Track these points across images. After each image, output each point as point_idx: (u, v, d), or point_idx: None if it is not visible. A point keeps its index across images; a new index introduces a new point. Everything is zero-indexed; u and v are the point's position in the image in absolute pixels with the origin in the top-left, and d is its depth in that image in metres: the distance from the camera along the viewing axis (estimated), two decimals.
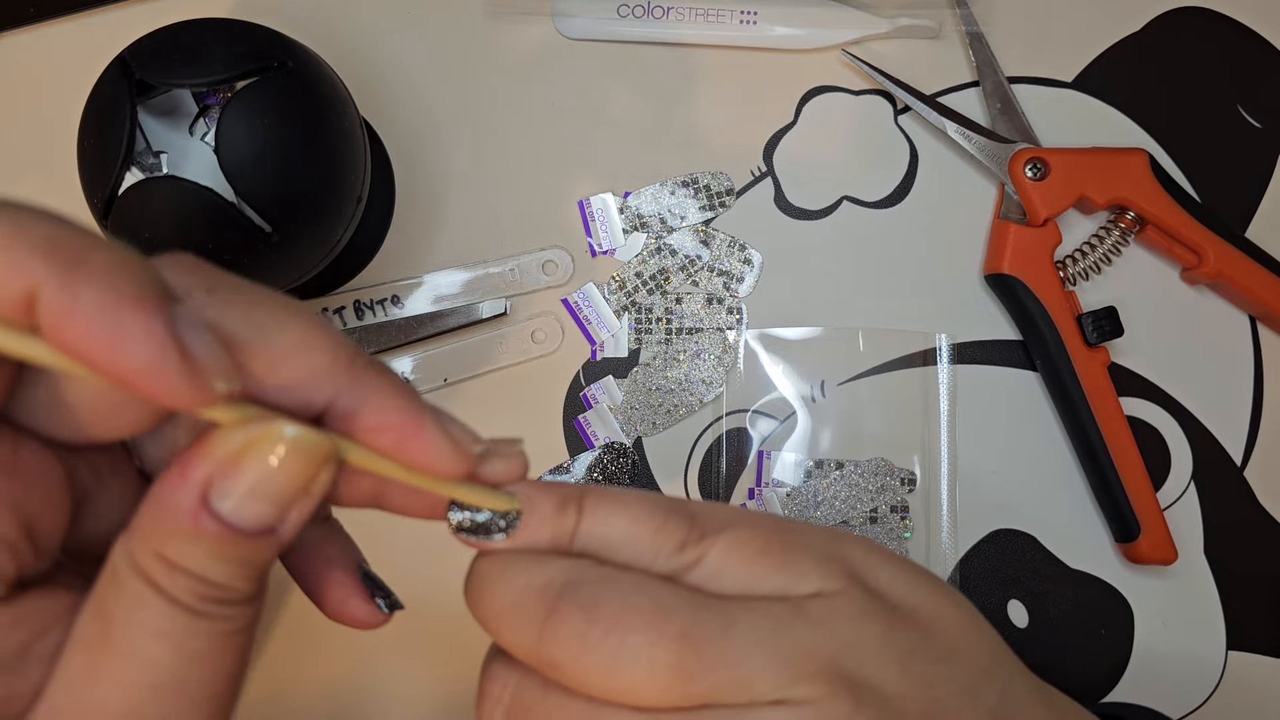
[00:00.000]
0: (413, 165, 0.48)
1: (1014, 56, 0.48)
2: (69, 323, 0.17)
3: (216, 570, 0.20)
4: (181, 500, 0.19)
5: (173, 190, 0.35)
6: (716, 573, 0.23)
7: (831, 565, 0.24)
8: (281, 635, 0.46)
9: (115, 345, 0.17)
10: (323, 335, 0.21)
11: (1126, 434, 0.45)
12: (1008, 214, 0.46)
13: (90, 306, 0.17)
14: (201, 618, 0.20)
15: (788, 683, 0.22)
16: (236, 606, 0.20)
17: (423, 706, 0.46)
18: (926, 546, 0.46)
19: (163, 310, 0.17)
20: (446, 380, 0.47)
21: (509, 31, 0.48)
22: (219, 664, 0.20)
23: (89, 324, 0.17)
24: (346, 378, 0.21)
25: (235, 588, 0.20)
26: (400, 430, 0.21)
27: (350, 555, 0.25)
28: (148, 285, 0.18)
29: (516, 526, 0.23)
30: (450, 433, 0.22)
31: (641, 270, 0.47)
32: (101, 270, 0.17)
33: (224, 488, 0.19)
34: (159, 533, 0.20)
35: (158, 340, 0.17)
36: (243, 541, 0.20)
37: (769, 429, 0.47)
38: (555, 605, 0.22)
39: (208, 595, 0.20)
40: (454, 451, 0.22)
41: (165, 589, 0.19)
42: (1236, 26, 0.49)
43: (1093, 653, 0.46)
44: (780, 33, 0.47)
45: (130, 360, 0.17)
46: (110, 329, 0.17)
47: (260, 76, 0.36)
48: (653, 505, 0.24)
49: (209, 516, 0.19)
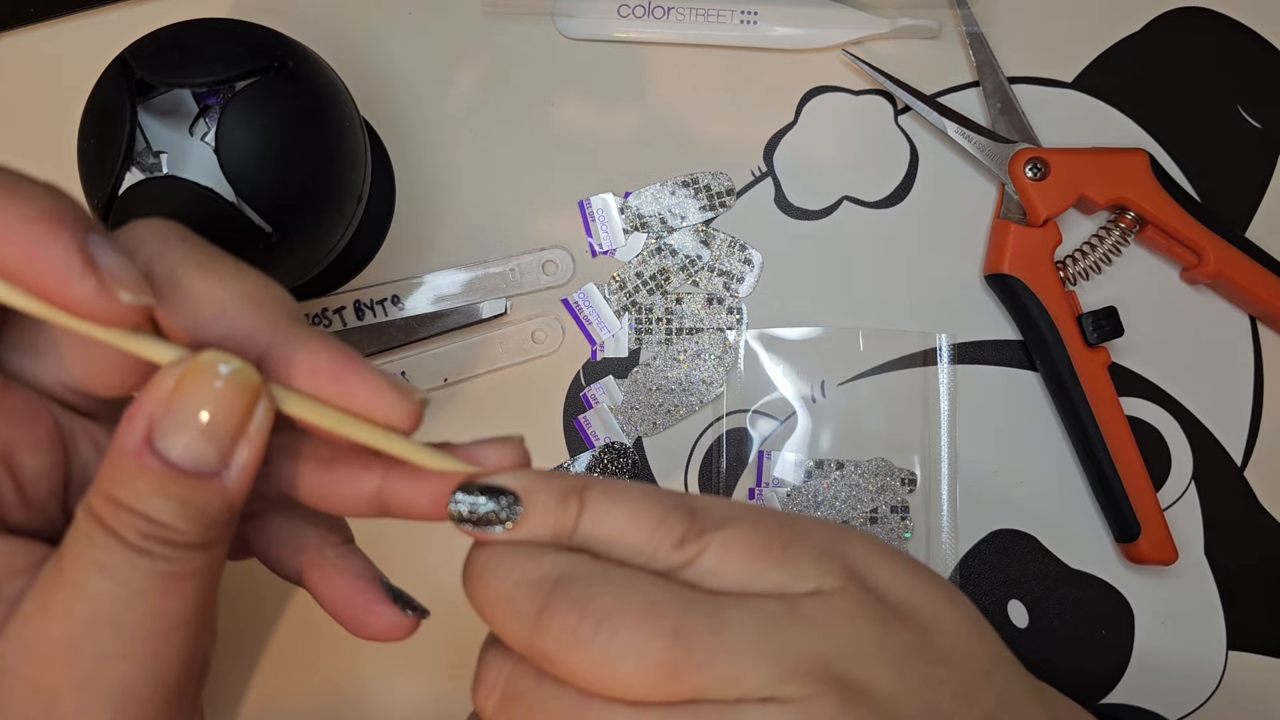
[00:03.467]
0: (413, 165, 0.48)
1: (1014, 56, 0.48)
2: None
3: (159, 509, 0.21)
4: (127, 439, 0.21)
5: (173, 190, 0.35)
6: (715, 569, 0.24)
7: (832, 563, 0.24)
8: (280, 636, 0.46)
9: (31, 255, 0.19)
10: (268, 289, 0.23)
11: (1126, 434, 0.45)
12: (1008, 214, 0.46)
13: (12, 223, 0.19)
14: (143, 555, 0.21)
15: (777, 680, 0.22)
16: (180, 550, 0.21)
17: (421, 706, 0.46)
18: (926, 546, 0.46)
19: (77, 228, 0.20)
20: (446, 380, 0.47)
21: (509, 31, 0.48)
22: (159, 604, 0.21)
23: (8, 236, 0.19)
24: (288, 328, 0.22)
25: (178, 528, 0.21)
26: (334, 372, 0.22)
27: (371, 571, 0.26)
28: (67, 210, 0.20)
29: (517, 519, 0.23)
30: (385, 376, 0.23)
31: (642, 270, 0.47)
32: (29, 197, 0.20)
33: (164, 424, 0.21)
34: (111, 475, 0.21)
35: (66, 249, 0.19)
36: (185, 479, 0.21)
37: (769, 429, 0.47)
38: (548, 600, 0.22)
39: (150, 534, 0.21)
40: (390, 393, 0.22)
41: (112, 526, 0.21)
42: (1236, 26, 0.49)
43: (1093, 653, 0.46)
44: (780, 33, 0.47)
45: (42, 268, 0.19)
46: (27, 241, 0.19)
47: (260, 76, 0.36)
48: (654, 500, 0.24)
49: (151, 454, 0.21)
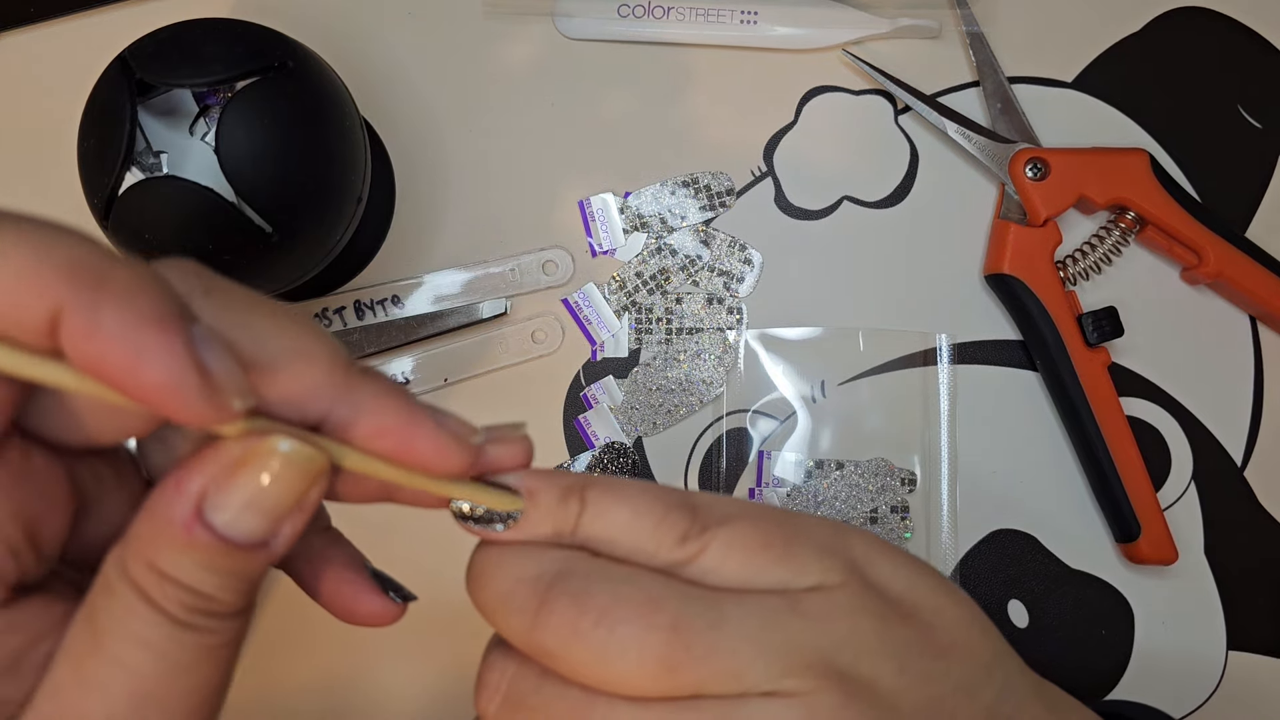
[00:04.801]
0: (413, 165, 0.48)
1: (1014, 56, 0.48)
2: (92, 345, 0.17)
3: (206, 581, 0.20)
4: (176, 511, 0.19)
5: (173, 190, 0.35)
6: (717, 566, 0.24)
7: (833, 559, 0.24)
8: (273, 632, 0.46)
9: (138, 366, 0.17)
10: (318, 344, 0.21)
11: (1126, 434, 0.45)
12: (1008, 214, 0.46)
13: (113, 328, 0.17)
14: (188, 629, 0.20)
15: (778, 675, 0.22)
16: (224, 620, 0.20)
17: (418, 702, 0.46)
18: (926, 547, 0.46)
19: (183, 330, 0.18)
20: (446, 380, 0.47)
21: (509, 31, 0.48)
22: (202, 677, 0.20)
23: (112, 346, 0.17)
24: (343, 387, 0.21)
25: (224, 600, 0.20)
26: (398, 434, 0.21)
27: (356, 557, 0.26)
28: (167, 304, 0.18)
29: (518, 516, 0.23)
30: (447, 428, 0.22)
31: (642, 270, 0.47)
32: (122, 290, 0.17)
33: (218, 500, 0.19)
34: (152, 542, 0.20)
35: (178, 360, 0.17)
36: (234, 553, 0.20)
37: (769, 429, 0.47)
38: (547, 595, 0.22)
39: (196, 607, 0.20)
40: (453, 448, 0.22)
41: (154, 599, 0.20)
42: (1236, 26, 0.49)
43: (1093, 653, 0.46)
44: (780, 33, 0.47)
45: (151, 380, 0.17)
46: (133, 350, 0.17)
47: (260, 76, 0.36)
48: (655, 498, 0.24)
49: (202, 528, 0.19)
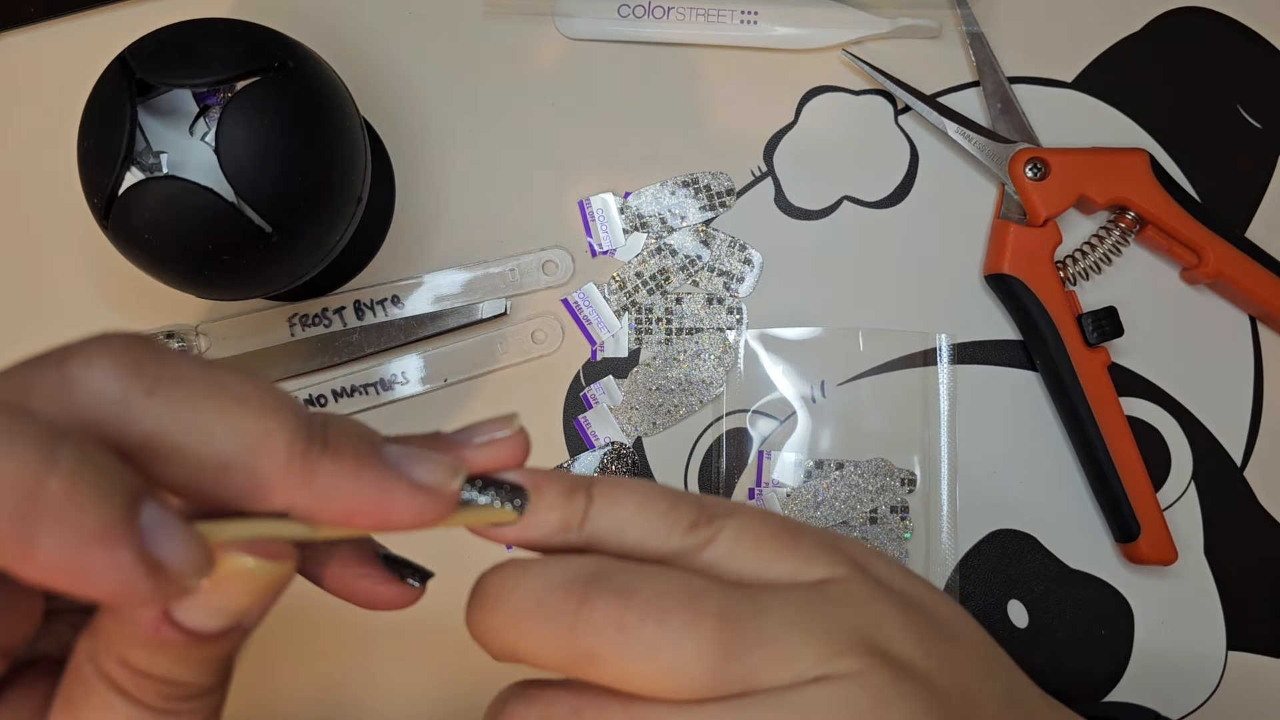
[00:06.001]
0: (413, 165, 0.48)
1: (1014, 56, 0.48)
2: (29, 572, 0.16)
3: (180, 672, 0.20)
4: (141, 614, 0.19)
5: (173, 190, 0.35)
6: (727, 554, 0.23)
7: (836, 553, 0.25)
8: (272, 638, 0.46)
9: (85, 585, 0.17)
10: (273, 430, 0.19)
11: (1126, 434, 0.45)
12: (1008, 214, 0.46)
13: (52, 554, 0.16)
14: (168, 715, 0.20)
15: (829, 657, 0.22)
16: (202, 699, 0.21)
17: (417, 709, 0.46)
18: (926, 546, 0.46)
19: (128, 538, 0.17)
20: (447, 380, 0.47)
21: (509, 31, 0.48)
22: None
23: (53, 576, 0.16)
24: (301, 476, 0.20)
25: (200, 683, 0.20)
26: (369, 511, 0.20)
27: (366, 546, 0.25)
28: (112, 508, 0.17)
29: (524, 512, 0.23)
30: (423, 482, 0.21)
31: (641, 270, 0.47)
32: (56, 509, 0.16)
33: (184, 606, 0.19)
34: (121, 640, 0.19)
35: (126, 571, 0.17)
36: (206, 644, 0.20)
37: (769, 429, 0.47)
38: (587, 594, 0.22)
39: (173, 694, 0.20)
40: (430, 505, 0.21)
41: (130, 693, 0.20)
42: (1236, 26, 0.49)
43: (1093, 653, 0.46)
44: (780, 33, 0.47)
45: (100, 593, 0.17)
46: (78, 574, 0.16)
47: (260, 76, 0.36)
48: (661, 489, 0.24)
49: (170, 628, 0.19)
